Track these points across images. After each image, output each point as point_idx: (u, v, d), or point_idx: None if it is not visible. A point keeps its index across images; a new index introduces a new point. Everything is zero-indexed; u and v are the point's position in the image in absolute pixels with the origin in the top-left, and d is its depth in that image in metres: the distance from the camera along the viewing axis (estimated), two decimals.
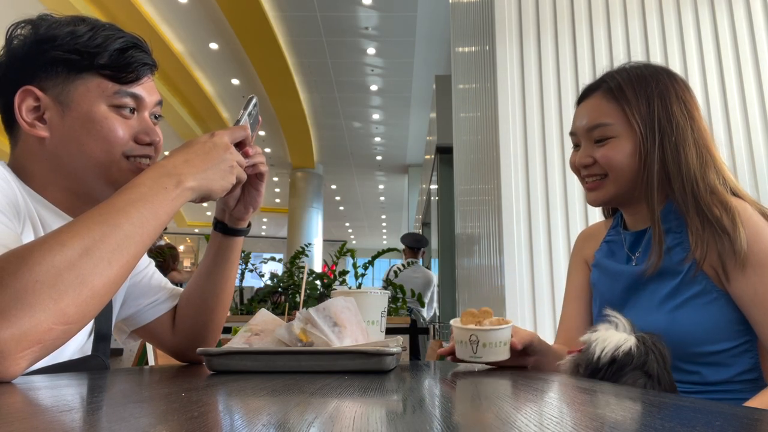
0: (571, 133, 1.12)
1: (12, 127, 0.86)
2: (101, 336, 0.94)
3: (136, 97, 0.88)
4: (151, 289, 1.06)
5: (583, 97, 1.11)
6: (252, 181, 0.95)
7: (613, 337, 0.81)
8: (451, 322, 0.93)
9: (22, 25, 0.86)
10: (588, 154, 1.05)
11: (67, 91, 0.84)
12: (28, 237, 0.79)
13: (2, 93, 0.85)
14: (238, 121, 0.89)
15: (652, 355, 0.78)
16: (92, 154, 0.84)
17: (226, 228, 1.00)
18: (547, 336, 2.03)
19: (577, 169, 1.09)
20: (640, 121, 1.00)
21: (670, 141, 0.99)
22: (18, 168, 0.86)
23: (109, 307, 0.95)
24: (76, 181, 0.86)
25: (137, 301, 1.04)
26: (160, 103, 0.94)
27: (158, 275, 1.10)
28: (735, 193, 0.99)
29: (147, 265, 1.08)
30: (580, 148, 1.08)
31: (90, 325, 0.91)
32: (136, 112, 0.89)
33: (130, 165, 0.87)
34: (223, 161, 0.80)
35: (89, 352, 0.92)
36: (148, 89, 0.91)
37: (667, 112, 1.00)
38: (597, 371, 0.80)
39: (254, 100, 0.95)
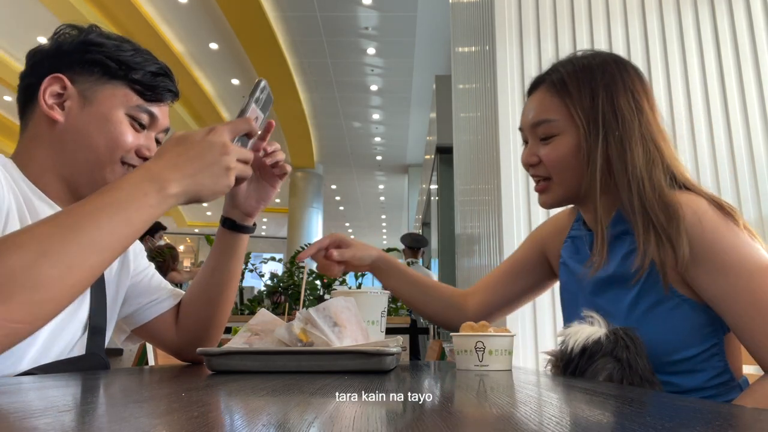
0: (519, 129, 1.06)
1: (27, 108, 0.92)
2: (96, 330, 0.95)
3: (152, 116, 0.94)
4: (150, 289, 1.07)
5: (531, 89, 1.04)
6: (269, 177, 0.98)
7: (585, 330, 0.82)
8: (452, 335, 0.92)
9: (73, 28, 0.93)
10: (533, 152, 1.00)
11: (95, 89, 0.90)
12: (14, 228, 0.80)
13: (33, 74, 0.90)
14: (243, 111, 0.84)
15: (622, 342, 0.78)
16: (96, 149, 0.89)
17: (234, 224, 1.01)
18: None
19: (526, 167, 1.04)
20: (583, 115, 0.94)
21: (615, 136, 0.93)
22: (21, 153, 0.91)
23: (102, 301, 0.96)
24: (72, 170, 0.90)
25: (137, 299, 1.05)
26: (167, 130, 0.99)
27: (158, 277, 1.12)
28: (687, 187, 0.93)
29: (147, 267, 1.10)
30: (528, 145, 1.03)
31: (84, 320, 0.92)
32: (146, 130, 0.94)
33: (123, 171, 0.91)
34: (216, 163, 0.76)
35: (83, 348, 0.92)
36: (163, 113, 0.97)
37: (612, 106, 0.93)
38: (570, 362, 0.80)
39: (263, 83, 0.89)
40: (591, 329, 0.81)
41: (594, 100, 0.95)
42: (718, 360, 0.89)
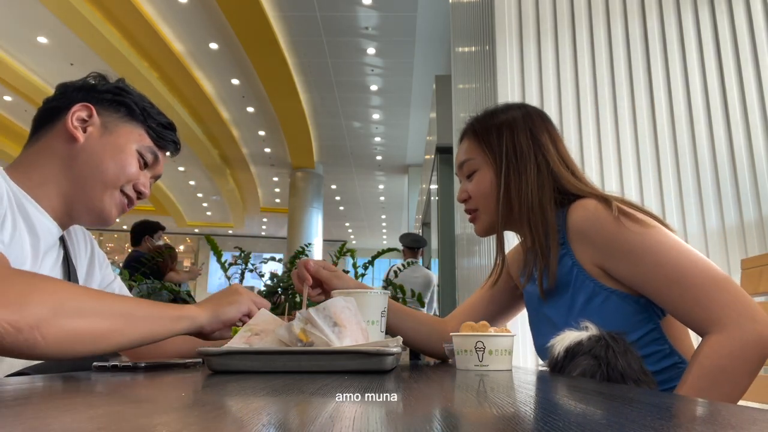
0: (455, 173, 1.23)
1: (43, 126, 1.02)
2: None
3: (155, 158, 1.10)
4: None
5: (460, 139, 1.21)
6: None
7: (571, 335, 0.85)
8: (452, 334, 0.93)
9: (103, 77, 1.10)
10: (464, 189, 1.17)
11: (117, 124, 1.05)
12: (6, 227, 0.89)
13: (60, 100, 1.03)
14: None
15: (603, 341, 0.81)
16: (105, 171, 1.01)
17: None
18: None
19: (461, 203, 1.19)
20: (490, 152, 1.12)
21: (514, 168, 1.09)
22: (23, 162, 0.99)
23: None
24: (74, 186, 1.00)
25: None
26: (158, 177, 1.14)
27: (125, 291, 1.23)
28: (581, 195, 1.04)
29: (113, 280, 1.19)
30: (461, 185, 1.19)
31: None
32: (146, 169, 1.09)
33: (118, 197, 1.04)
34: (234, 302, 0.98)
35: None
36: (162, 161, 1.13)
37: (513, 142, 1.10)
38: (556, 365, 0.84)
39: None
40: (576, 333, 0.84)
41: (499, 138, 1.12)
42: (659, 344, 0.96)
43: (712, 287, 0.87)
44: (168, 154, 1.15)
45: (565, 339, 0.84)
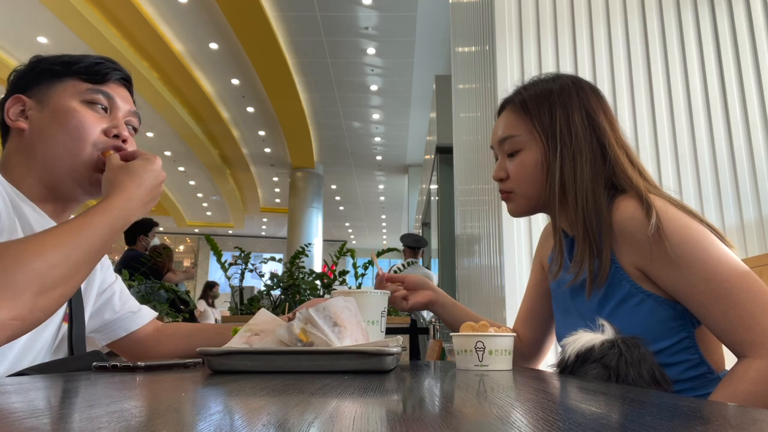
0: (491, 147, 1.13)
1: (4, 129, 1.01)
2: (77, 336, 1.01)
3: (108, 97, 1.00)
4: (116, 305, 1.14)
5: (499, 111, 1.12)
6: None
7: (585, 337, 0.83)
8: (452, 335, 0.93)
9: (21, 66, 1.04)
10: (502, 167, 1.08)
11: (48, 93, 0.98)
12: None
13: (1, 113, 1.00)
14: None
15: (616, 350, 0.79)
16: (63, 142, 0.95)
17: None
18: None
19: (496, 181, 1.11)
20: (542, 131, 1.02)
21: (569, 151, 1.00)
22: (3, 165, 0.99)
23: (79, 301, 1.02)
24: (48, 169, 0.96)
25: (105, 315, 1.12)
26: (136, 114, 1.05)
27: (125, 293, 1.18)
28: (624, 189, 0.97)
29: (114, 281, 1.16)
30: (498, 162, 1.10)
31: (57, 325, 0.99)
32: (109, 112, 1.01)
33: (96, 155, 0.97)
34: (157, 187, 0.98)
35: (64, 351, 1.00)
36: (121, 96, 1.03)
37: (567, 122, 1.01)
38: (565, 368, 0.82)
39: None
40: (589, 336, 0.82)
41: (552, 117, 1.02)
42: (690, 353, 0.92)
43: (758, 308, 0.82)
44: (120, 84, 1.05)
45: (577, 342, 0.82)
